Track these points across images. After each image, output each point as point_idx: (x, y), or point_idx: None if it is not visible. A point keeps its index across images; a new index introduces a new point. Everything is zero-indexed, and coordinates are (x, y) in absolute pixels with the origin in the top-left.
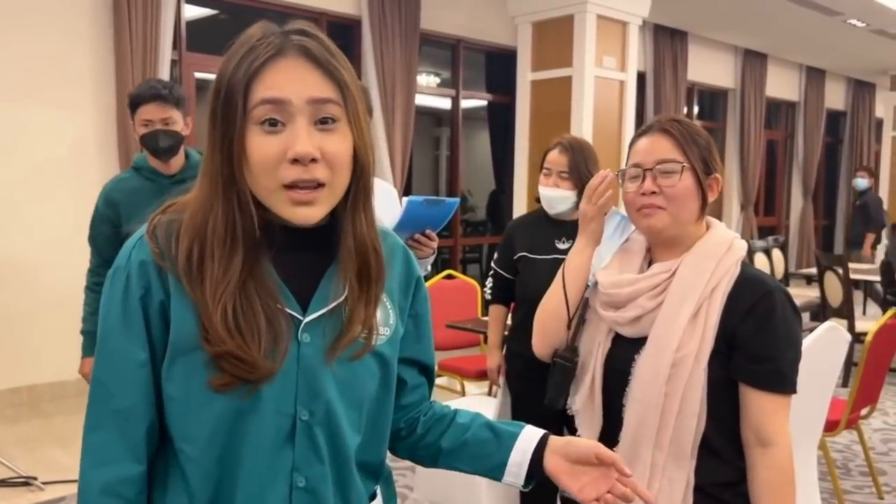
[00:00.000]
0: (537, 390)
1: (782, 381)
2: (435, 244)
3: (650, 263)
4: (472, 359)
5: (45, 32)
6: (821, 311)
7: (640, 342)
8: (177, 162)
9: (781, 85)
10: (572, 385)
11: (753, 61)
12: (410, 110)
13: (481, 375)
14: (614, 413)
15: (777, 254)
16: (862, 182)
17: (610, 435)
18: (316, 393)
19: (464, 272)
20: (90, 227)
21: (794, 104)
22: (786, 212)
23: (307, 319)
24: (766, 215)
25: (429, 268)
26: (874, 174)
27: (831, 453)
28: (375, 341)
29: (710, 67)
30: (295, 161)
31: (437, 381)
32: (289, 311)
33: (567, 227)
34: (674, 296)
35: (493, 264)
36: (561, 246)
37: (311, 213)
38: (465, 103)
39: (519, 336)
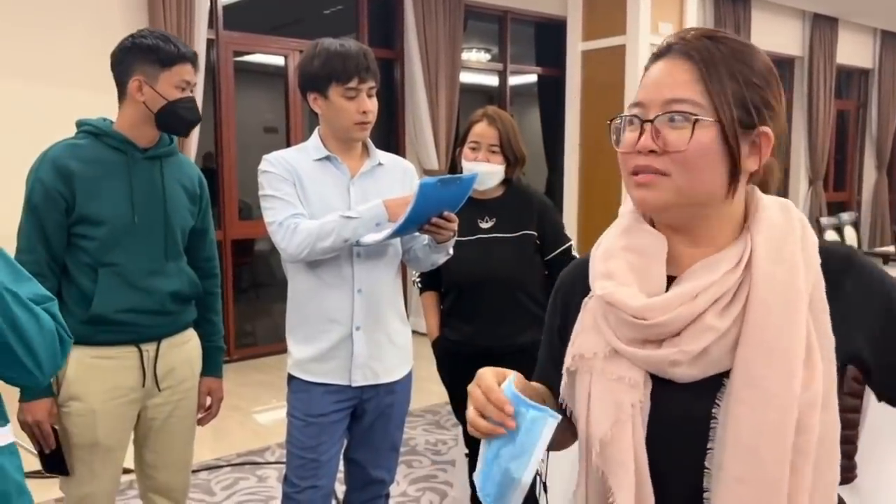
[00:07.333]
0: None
1: None
2: (454, 226)
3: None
4: None
5: (77, 10)
6: None
7: (706, 386)
8: (155, 133)
9: (853, 51)
10: (584, 483)
11: (823, 26)
12: (455, 87)
13: None
14: None
15: (850, 231)
16: None
17: None
18: None
19: None
20: (28, 212)
21: (867, 71)
22: (857, 186)
23: None
24: (836, 190)
25: (450, 251)
26: None
27: None
28: None
29: (775, 34)
30: None
31: None
32: None
33: (490, 205)
34: (766, 306)
35: None
36: (484, 225)
37: None
38: (517, 79)
39: (449, 323)
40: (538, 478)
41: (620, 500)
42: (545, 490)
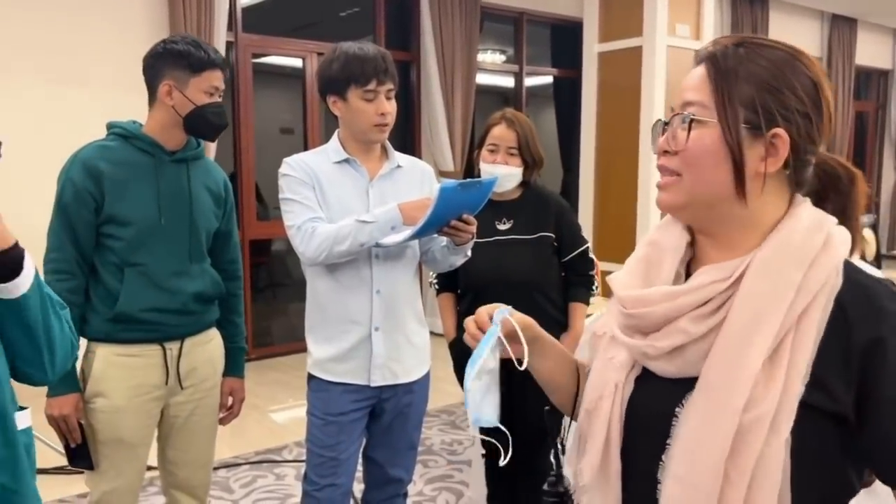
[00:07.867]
0: None
1: None
2: (473, 229)
3: (688, 267)
4: None
5: (98, 12)
6: None
7: (681, 385)
8: (183, 136)
9: (872, 52)
10: (575, 446)
11: (842, 27)
12: (471, 88)
13: None
14: (642, 491)
15: (868, 234)
16: None
17: None
18: None
19: None
20: (58, 211)
21: (886, 72)
22: (876, 188)
23: None
24: None
25: (468, 253)
26: None
27: None
28: None
29: (793, 35)
30: None
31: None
32: None
33: (507, 207)
34: (739, 321)
35: None
36: (502, 227)
37: None
38: (533, 81)
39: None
40: (558, 439)
41: (582, 463)
42: (562, 452)
